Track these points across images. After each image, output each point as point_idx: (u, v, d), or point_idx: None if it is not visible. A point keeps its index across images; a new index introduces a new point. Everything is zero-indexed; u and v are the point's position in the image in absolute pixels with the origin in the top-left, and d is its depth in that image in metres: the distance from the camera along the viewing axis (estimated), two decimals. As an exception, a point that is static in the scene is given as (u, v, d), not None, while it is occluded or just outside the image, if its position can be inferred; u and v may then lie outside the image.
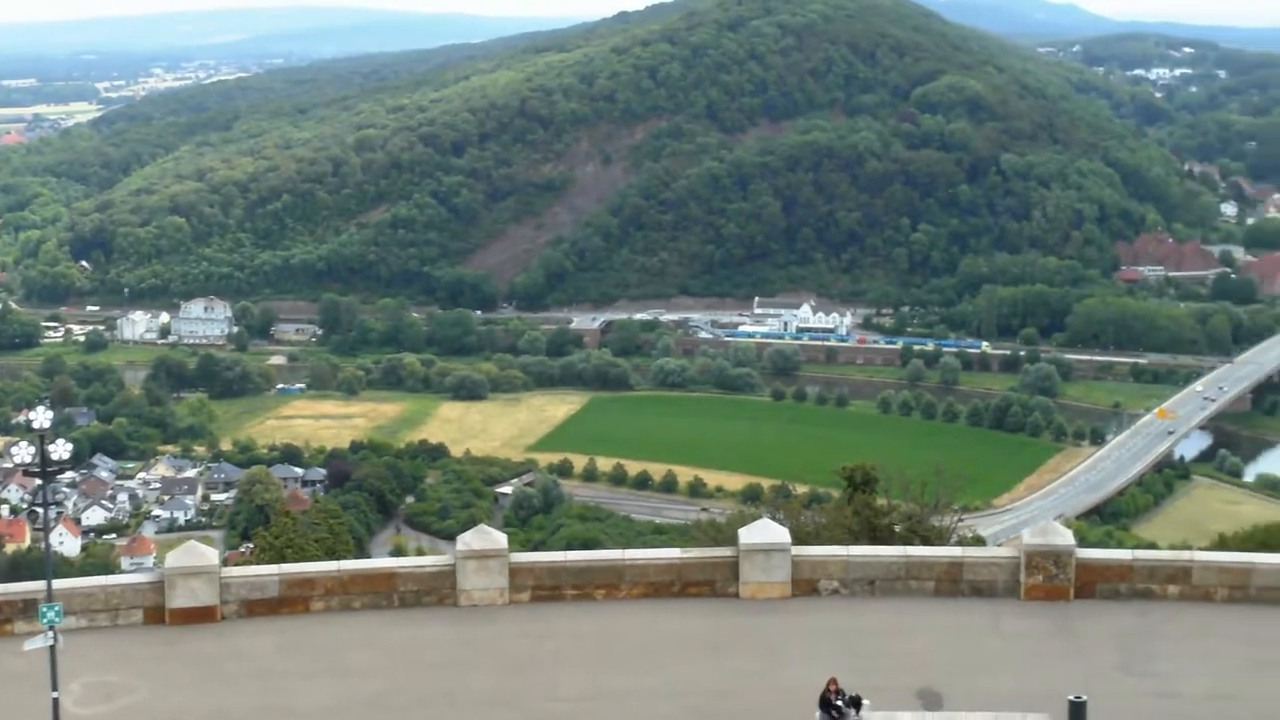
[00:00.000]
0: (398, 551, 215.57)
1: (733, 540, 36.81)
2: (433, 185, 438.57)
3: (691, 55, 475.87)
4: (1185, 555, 37.39)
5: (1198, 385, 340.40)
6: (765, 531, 36.61)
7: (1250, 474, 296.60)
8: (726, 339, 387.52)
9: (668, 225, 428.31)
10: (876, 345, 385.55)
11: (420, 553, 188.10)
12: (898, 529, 53.94)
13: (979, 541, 74.48)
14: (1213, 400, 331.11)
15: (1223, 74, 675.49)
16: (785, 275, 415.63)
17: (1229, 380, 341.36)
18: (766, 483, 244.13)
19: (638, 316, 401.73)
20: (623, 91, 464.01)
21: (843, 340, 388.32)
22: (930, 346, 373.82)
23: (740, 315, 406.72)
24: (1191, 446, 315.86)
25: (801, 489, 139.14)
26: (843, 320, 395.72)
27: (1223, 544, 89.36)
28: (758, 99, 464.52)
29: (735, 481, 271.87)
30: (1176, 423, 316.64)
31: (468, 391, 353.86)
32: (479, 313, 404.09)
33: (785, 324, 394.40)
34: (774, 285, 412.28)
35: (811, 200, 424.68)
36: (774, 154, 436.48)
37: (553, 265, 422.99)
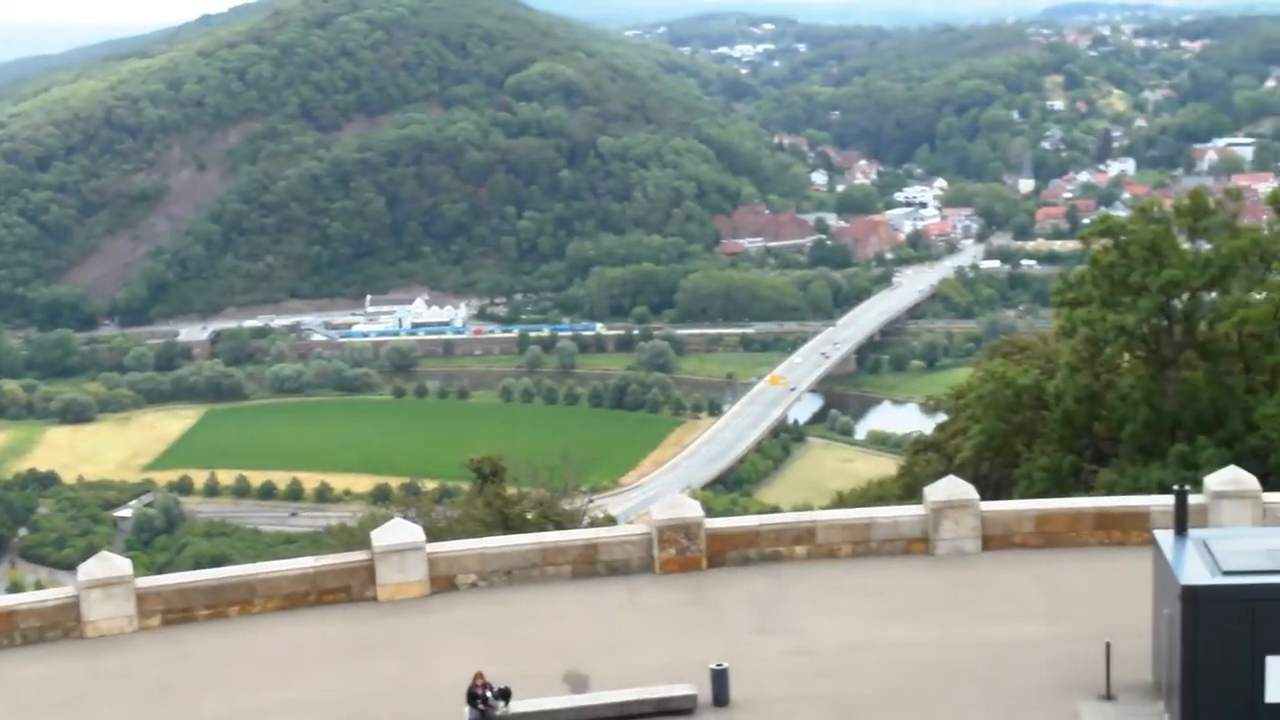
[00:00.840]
0: (15, 588, 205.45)
1: (366, 543, 36.13)
2: (19, 203, 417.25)
3: (281, 55, 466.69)
4: (808, 516, 38.54)
5: (803, 351, 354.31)
6: (398, 532, 36.01)
7: (860, 431, 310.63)
8: (341, 340, 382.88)
9: (271, 228, 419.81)
10: (493, 335, 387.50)
11: (40, 586, 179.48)
12: (530, 516, 54.04)
13: (611, 521, 75.44)
14: (824, 359, 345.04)
15: (803, 48, 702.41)
16: (396, 271, 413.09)
17: (833, 343, 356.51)
18: (395, 482, 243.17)
19: (248, 324, 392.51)
20: (212, 95, 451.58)
21: (459, 333, 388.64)
22: (546, 332, 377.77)
23: (353, 315, 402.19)
24: (804, 410, 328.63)
25: (431, 485, 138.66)
26: (457, 312, 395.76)
27: (841, 501, 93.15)
28: (352, 95, 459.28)
29: (363, 484, 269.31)
30: (787, 388, 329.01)
31: (75, 414, 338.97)
32: (80, 332, 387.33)
33: (400, 320, 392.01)
34: (385, 282, 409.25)
35: (415, 194, 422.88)
36: (373, 150, 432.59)
37: (154, 277, 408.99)
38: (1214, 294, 64.20)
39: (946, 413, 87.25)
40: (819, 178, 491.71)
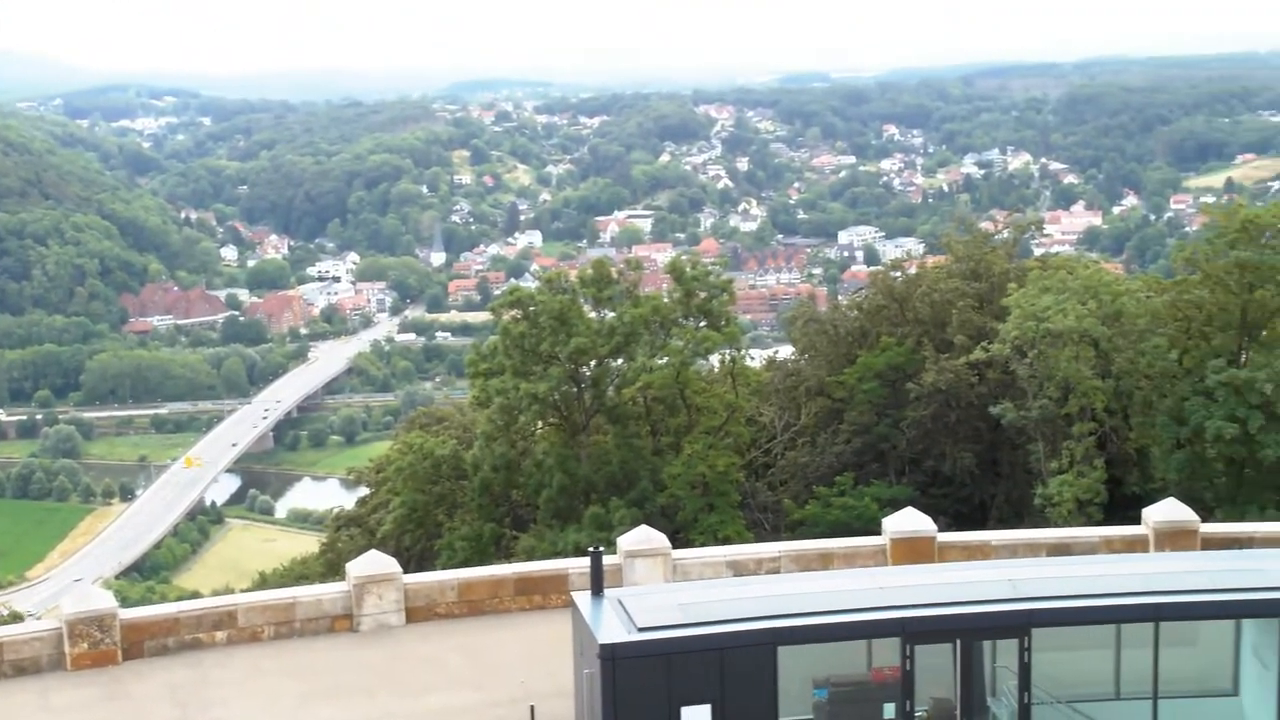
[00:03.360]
0: None
1: None
2: None
3: None
4: (228, 599, 37.41)
5: (219, 430, 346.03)
6: None
7: (281, 510, 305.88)
8: None
9: None
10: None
11: None
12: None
13: (18, 618, 70.97)
14: (235, 444, 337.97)
15: (207, 121, 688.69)
16: None
17: (249, 421, 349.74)
18: None
19: None
20: None
21: None
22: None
23: None
24: (222, 490, 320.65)
25: None
26: None
27: (264, 582, 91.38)
28: None
29: None
30: (204, 469, 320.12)
31: None
32: None
33: None
34: None
35: None
36: None
37: None
38: (620, 360, 67.08)
39: (368, 486, 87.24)
40: (229, 253, 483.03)
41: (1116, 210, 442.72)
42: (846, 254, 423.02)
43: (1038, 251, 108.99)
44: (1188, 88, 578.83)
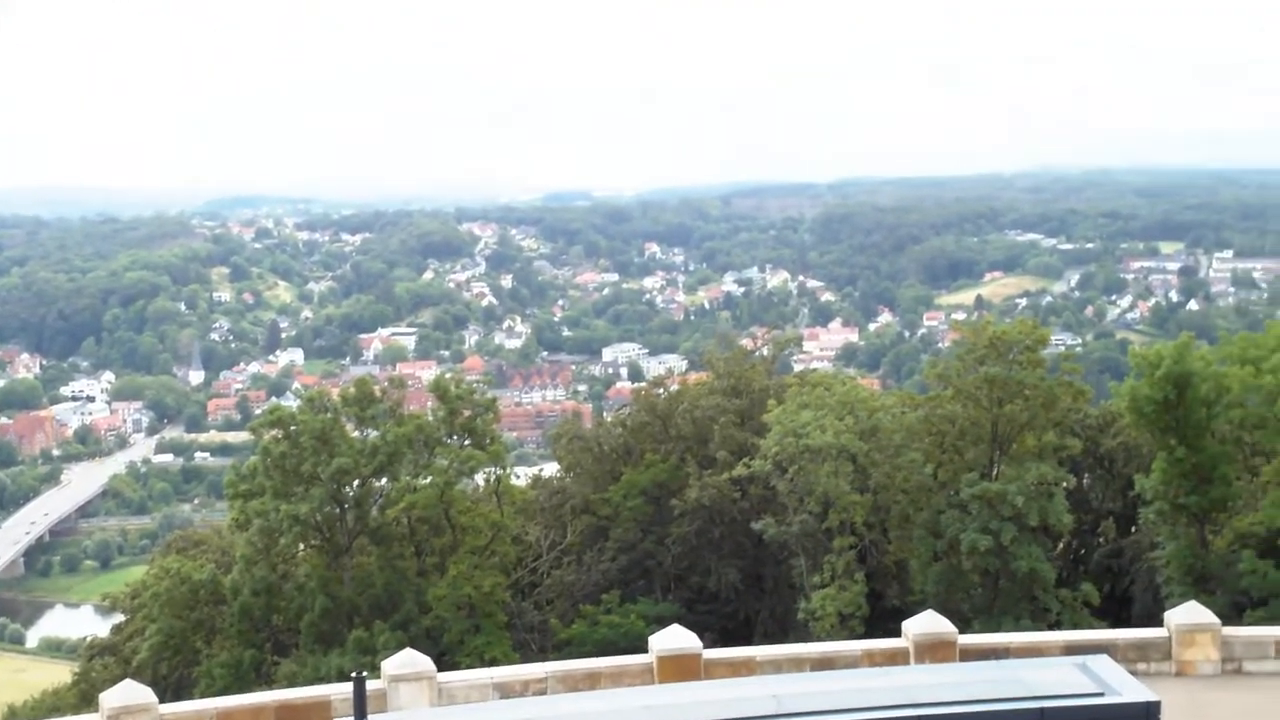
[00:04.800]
0: None
1: None
2: None
3: None
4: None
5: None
6: None
7: (32, 639, 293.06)
8: None
9: None
10: None
11: None
12: None
13: None
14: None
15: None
16: None
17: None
18: None
19: None
20: None
21: None
22: None
23: None
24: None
25: None
26: None
27: (14, 715, 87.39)
28: None
29: None
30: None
31: None
32: None
33: None
34: None
35: None
36: None
37: None
38: (383, 480, 66.42)
39: (123, 613, 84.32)
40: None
41: (872, 327, 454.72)
42: (611, 370, 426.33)
43: (797, 367, 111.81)
44: (938, 207, 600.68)
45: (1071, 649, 37.71)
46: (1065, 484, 62.99)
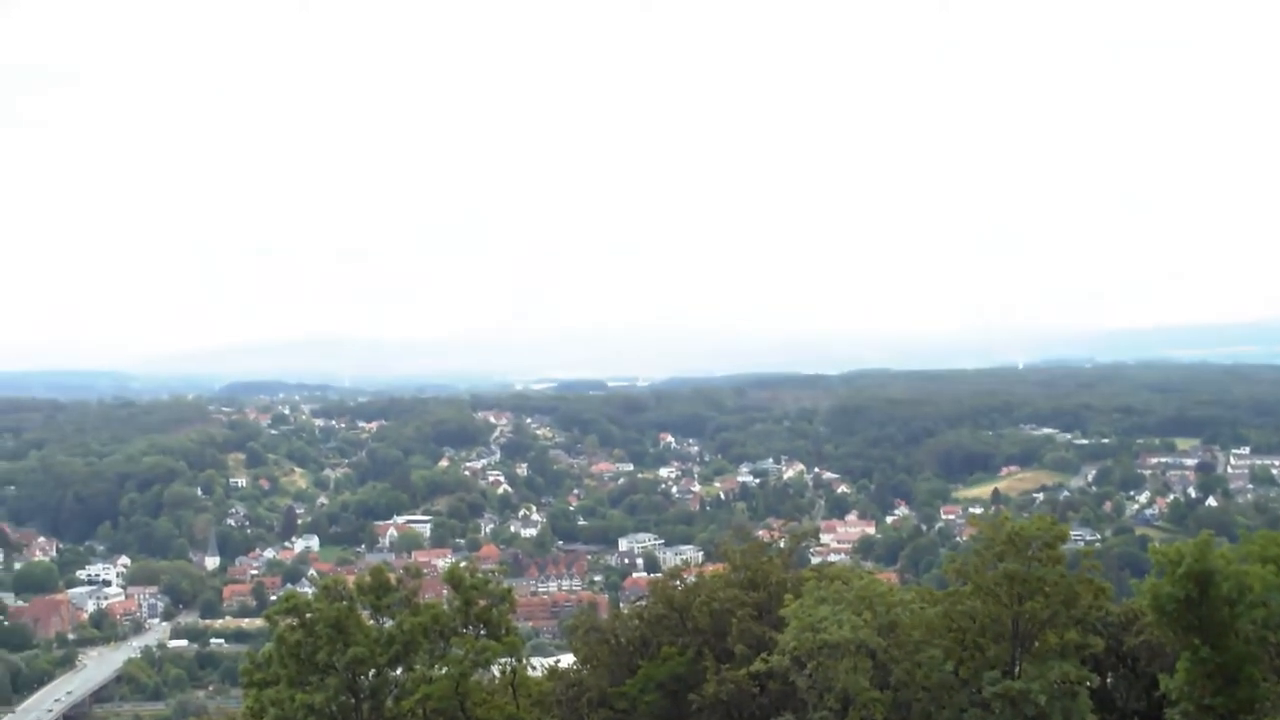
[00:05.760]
0: None
1: None
2: None
3: None
4: None
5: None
6: None
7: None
8: None
9: None
10: None
11: None
12: None
13: None
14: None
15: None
16: None
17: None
18: None
19: None
20: None
21: None
22: None
23: None
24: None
25: None
26: None
27: None
28: None
29: None
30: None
31: None
32: None
33: None
34: None
35: None
36: None
37: None
38: (399, 670, 65.89)
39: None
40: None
41: (889, 520, 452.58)
42: (627, 560, 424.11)
43: (814, 560, 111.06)
44: (951, 401, 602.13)
45: None
46: (1089, 683, 62.30)
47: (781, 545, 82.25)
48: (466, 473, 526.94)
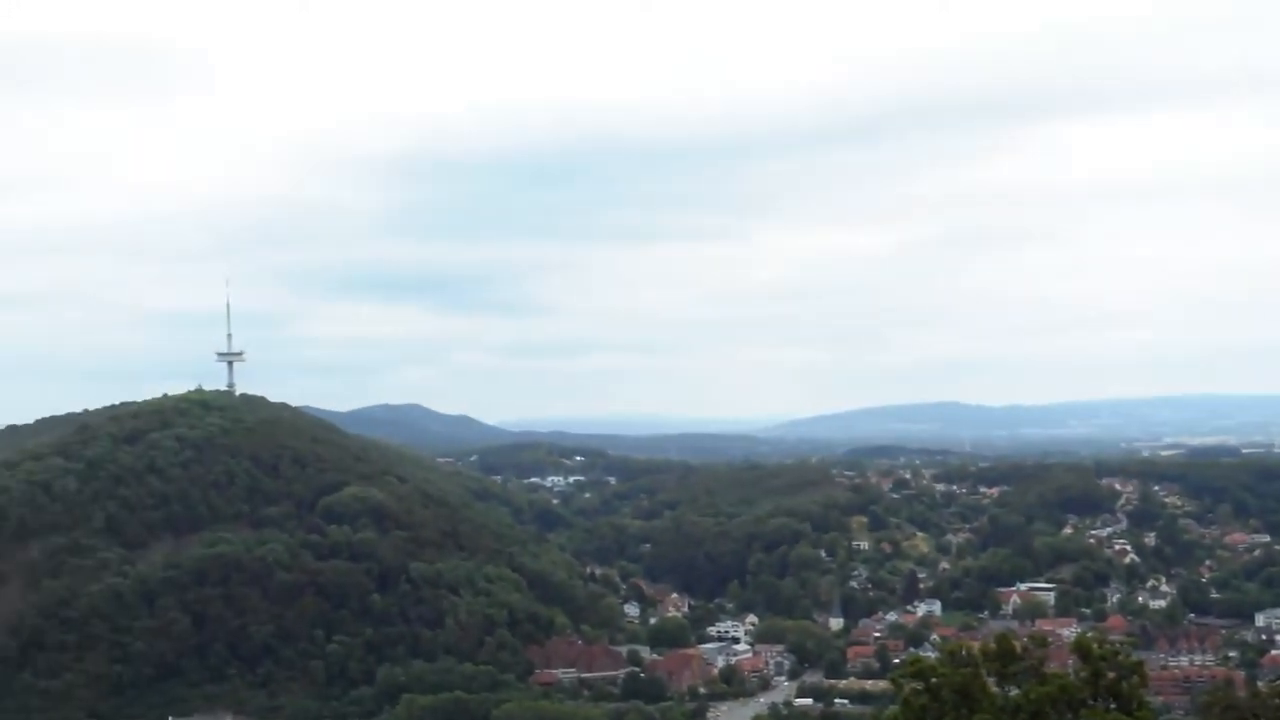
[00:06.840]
0: None
1: None
2: None
3: (87, 469, 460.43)
4: None
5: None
6: None
7: None
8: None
9: (71, 645, 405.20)
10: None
11: None
12: None
13: None
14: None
15: (613, 480, 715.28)
16: (200, 694, 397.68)
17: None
18: None
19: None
20: (14, 507, 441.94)
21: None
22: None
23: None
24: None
25: None
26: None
27: None
28: (160, 512, 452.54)
29: None
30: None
31: None
32: None
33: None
34: (189, 704, 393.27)
35: (222, 614, 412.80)
36: (180, 568, 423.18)
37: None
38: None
39: None
40: (631, 609, 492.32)
41: None
42: (1264, 637, 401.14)
43: None
44: None
45: None
46: None
47: None
48: (1091, 540, 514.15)
